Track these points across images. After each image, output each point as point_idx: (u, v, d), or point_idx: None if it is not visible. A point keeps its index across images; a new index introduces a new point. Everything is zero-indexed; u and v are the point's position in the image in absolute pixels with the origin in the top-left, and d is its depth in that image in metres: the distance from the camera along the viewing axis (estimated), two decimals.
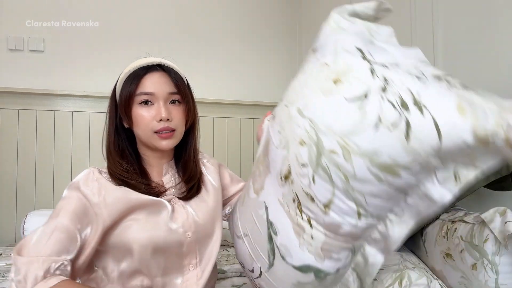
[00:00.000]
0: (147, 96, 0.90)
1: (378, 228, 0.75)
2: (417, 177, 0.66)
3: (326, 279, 0.78)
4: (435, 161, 0.63)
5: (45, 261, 0.76)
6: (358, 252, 0.79)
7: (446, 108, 0.63)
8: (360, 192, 0.68)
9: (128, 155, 0.94)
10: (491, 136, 0.59)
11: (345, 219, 0.71)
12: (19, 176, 2.23)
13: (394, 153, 0.64)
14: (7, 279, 1.45)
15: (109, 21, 2.43)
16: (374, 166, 0.65)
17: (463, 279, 0.94)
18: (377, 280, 1.00)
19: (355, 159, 0.66)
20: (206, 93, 2.52)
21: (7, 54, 2.25)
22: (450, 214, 1.10)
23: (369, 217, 0.71)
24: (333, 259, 0.76)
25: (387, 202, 0.70)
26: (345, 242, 0.75)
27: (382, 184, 0.66)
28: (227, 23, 2.72)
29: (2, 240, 2.17)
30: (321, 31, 0.81)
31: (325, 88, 0.72)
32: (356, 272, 0.82)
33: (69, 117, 2.32)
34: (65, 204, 0.84)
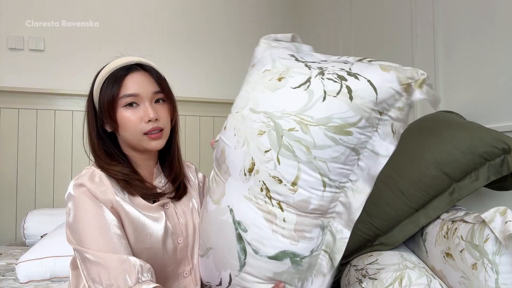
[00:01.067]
0: (131, 97, 0.87)
1: (340, 199, 0.80)
2: (365, 134, 0.76)
3: (302, 264, 0.79)
4: (376, 115, 0.76)
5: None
6: (327, 230, 0.82)
7: (374, 71, 0.78)
8: (322, 159, 0.75)
9: (117, 157, 0.91)
10: (410, 80, 0.76)
11: (312, 192, 0.77)
12: (19, 176, 2.23)
13: (343, 114, 0.74)
14: (7, 278, 1.45)
15: (109, 21, 2.44)
16: (329, 131, 0.74)
17: (463, 279, 0.94)
18: (377, 280, 1.00)
19: (312, 129, 0.75)
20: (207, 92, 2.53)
21: (7, 54, 2.25)
22: (450, 214, 1.10)
23: (332, 187, 0.78)
24: (306, 239, 0.79)
25: (344, 165, 0.77)
26: (315, 218, 0.79)
27: (339, 146, 0.75)
28: (227, 23, 2.72)
29: (2, 239, 2.18)
30: (255, 52, 0.94)
31: (271, 86, 0.82)
32: (327, 254, 0.82)
33: (69, 116, 2.33)
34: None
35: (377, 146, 0.78)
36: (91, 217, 0.80)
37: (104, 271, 0.76)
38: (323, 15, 2.57)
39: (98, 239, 0.78)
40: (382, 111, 0.76)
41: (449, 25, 1.55)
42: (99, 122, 0.90)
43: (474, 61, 1.43)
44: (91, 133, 0.91)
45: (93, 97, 0.91)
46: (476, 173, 1.10)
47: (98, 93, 0.89)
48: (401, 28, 1.82)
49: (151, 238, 0.86)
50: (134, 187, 0.87)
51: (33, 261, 1.39)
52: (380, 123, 0.77)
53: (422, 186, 1.12)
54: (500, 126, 1.29)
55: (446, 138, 1.14)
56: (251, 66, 0.94)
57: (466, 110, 1.44)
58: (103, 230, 0.79)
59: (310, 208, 0.78)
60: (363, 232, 1.16)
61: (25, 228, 1.92)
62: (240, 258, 0.81)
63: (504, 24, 1.32)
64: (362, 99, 0.75)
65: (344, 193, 0.80)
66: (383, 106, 0.76)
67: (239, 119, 0.85)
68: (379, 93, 0.75)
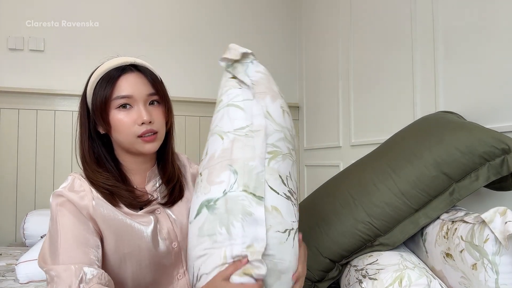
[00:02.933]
0: (125, 99, 0.84)
1: (242, 140, 0.83)
2: (235, 91, 0.89)
3: (217, 206, 0.77)
4: (232, 81, 0.91)
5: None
6: (241, 168, 0.80)
7: None
8: (215, 125, 0.86)
9: (106, 163, 0.89)
10: (228, 54, 0.91)
11: (216, 147, 0.83)
12: (19, 176, 2.23)
13: (218, 97, 0.91)
14: (7, 278, 1.45)
15: (109, 21, 2.44)
16: (215, 110, 0.89)
17: (463, 279, 0.94)
18: (377, 280, 1.00)
19: (213, 117, 0.89)
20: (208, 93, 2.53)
21: (7, 54, 2.25)
22: (450, 214, 1.10)
23: (229, 134, 0.83)
24: (217, 183, 0.79)
25: (230, 118, 0.85)
26: (221, 163, 0.81)
27: (220, 111, 0.88)
28: (227, 23, 2.72)
29: (2, 240, 2.17)
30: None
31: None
32: (250, 194, 0.78)
33: (69, 117, 2.33)
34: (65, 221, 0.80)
35: (243, 96, 0.88)
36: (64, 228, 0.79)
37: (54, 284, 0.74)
38: (323, 15, 2.57)
39: (67, 251, 0.77)
40: (233, 76, 0.91)
41: (449, 25, 1.55)
42: (91, 124, 0.88)
43: (474, 61, 1.43)
44: (82, 135, 0.89)
45: (86, 97, 0.89)
46: (476, 173, 1.10)
47: (91, 93, 0.87)
48: (401, 28, 1.82)
49: (136, 241, 0.84)
50: (119, 197, 0.85)
51: (33, 261, 1.39)
52: (237, 83, 0.90)
53: (422, 186, 1.12)
54: (500, 126, 1.29)
55: (446, 139, 1.14)
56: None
57: (466, 110, 1.44)
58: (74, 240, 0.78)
59: (216, 158, 0.82)
60: (363, 233, 1.16)
61: (25, 228, 1.92)
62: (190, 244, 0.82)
63: (504, 24, 1.32)
64: (221, 83, 0.93)
65: (244, 136, 0.84)
66: (229, 74, 0.92)
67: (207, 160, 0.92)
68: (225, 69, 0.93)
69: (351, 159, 1.86)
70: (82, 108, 0.89)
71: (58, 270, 0.75)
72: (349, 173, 1.39)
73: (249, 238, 0.75)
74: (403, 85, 1.79)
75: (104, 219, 0.82)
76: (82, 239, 0.79)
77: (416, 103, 1.71)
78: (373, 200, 1.17)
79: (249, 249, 0.74)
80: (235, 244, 0.75)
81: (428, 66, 1.64)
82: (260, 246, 0.74)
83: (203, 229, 0.78)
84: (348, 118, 2.24)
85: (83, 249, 0.78)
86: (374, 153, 1.40)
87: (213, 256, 0.75)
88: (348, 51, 2.24)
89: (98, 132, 0.89)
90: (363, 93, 2.12)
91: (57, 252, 0.77)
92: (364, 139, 2.10)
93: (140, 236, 0.84)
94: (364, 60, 2.12)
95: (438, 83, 1.58)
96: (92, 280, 0.74)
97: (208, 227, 0.77)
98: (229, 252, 0.74)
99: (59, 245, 0.78)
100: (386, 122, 1.92)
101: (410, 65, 1.75)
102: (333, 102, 2.36)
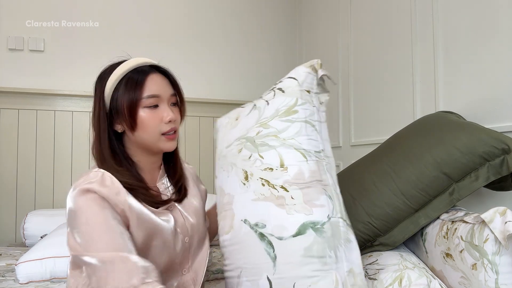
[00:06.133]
0: (154, 99, 0.88)
1: (323, 164, 0.92)
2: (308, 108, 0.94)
3: (325, 230, 0.83)
4: (305, 94, 0.96)
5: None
6: (334, 198, 0.89)
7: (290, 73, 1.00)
8: (289, 137, 0.90)
9: (123, 161, 0.90)
10: (312, 63, 0.99)
11: (299, 164, 0.88)
12: (19, 176, 2.23)
13: (284, 102, 0.94)
14: (7, 279, 1.45)
15: (109, 21, 2.44)
16: (281, 117, 0.93)
17: (463, 279, 0.94)
18: (377, 280, 1.00)
19: (270, 123, 0.93)
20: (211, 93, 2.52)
21: (7, 54, 2.25)
22: (450, 214, 1.10)
23: (311, 155, 0.90)
24: (318, 206, 0.85)
25: (308, 136, 0.92)
26: (316, 187, 0.87)
27: (295, 123, 0.92)
28: (227, 23, 2.72)
29: (2, 240, 2.18)
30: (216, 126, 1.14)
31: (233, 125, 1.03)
32: (344, 221, 0.88)
33: (69, 117, 2.33)
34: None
35: (316, 116, 0.96)
36: (96, 221, 0.78)
37: (108, 274, 0.74)
38: (323, 15, 2.57)
39: (103, 241, 0.76)
40: (308, 90, 0.96)
41: (449, 25, 1.55)
42: (110, 122, 0.90)
43: (474, 61, 1.43)
44: (101, 134, 0.89)
45: (103, 97, 0.90)
46: (476, 173, 1.10)
47: (110, 93, 0.88)
48: (401, 28, 1.82)
49: (162, 238, 0.87)
50: (139, 194, 0.87)
51: (33, 261, 1.39)
52: (310, 98, 0.96)
53: (422, 186, 1.11)
54: (500, 126, 1.29)
55: (446, 138, 1.14)
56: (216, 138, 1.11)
57: (466, 110, 1.44)
58: (108, 232, 0.78)
59: (306, 178, 0.87)
60: (363, 233, 1.16)
61: (25, 228, 1.92)
62: (269, 253, 0.83)
63: (504, 24, 1.32)
64: (289, 87, 0.96)
65: (321, 158, 0.92)
66: (306, 85, 0.96)
67: (222, 161, 1.01)
68: (298, 78, 0.97)
69: (351, 159, 1.86)
70: (99, 107, 0.90)
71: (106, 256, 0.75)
72: (349, 173, 1.39)
73: (350, 262, 0.83)
74: (403, 85, 1.79)
75: (138, 215, 0.84)
76: (122, 229, 0.79)
77: (416, 103, 1.71)
78: (373, 200, 1.17)
79: (351, 272, 0.83)
80: (340, 268, 0.82)
81: (428, 66, 1.64)
82: (358, 271, 0.84)
83: (311, 249, 0.81)
84: (348, 118, 2.24)
85: (126, 240, 0.79)
86: (374, 153, 1.40)
87: (326, 279, 0.80)
88: (348, 51, 2.24)
89: (114, 131, 0.91)
90: (363, 93, 2.12)
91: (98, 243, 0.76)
92: (364, 139, 2.10)
93: (165, 233, 0.87)
94: (364, 60, 2.12)
95: (438, 83, 1.58)
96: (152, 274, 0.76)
97: (318, 249, 0.81)
98: (338, 276, 0.81)
99: (99, 238, 0.77)
100: (386, 122, 1.92)
101: (410, 65, 1.75)
102: (333, 102, 2.36)
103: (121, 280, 0.73)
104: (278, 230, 0.83)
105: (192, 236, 0.94)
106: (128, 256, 0.76)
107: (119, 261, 0.75)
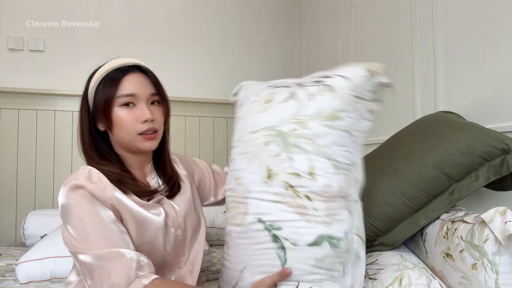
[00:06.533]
0: (128, 97, 0.88)
1: (351, 178, 0.89)
2: (352, 116, 0.90)
3: (340, 246, 0.84)
4: (355, 99, 0.90)
5: None
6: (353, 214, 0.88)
7: (341, 70, 0.95)
8: (325, 145, 0.86)
9: (108, 156, 0.92)
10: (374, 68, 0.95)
11: (329, 176, 0.85)
12: (19, 176, 2.23)
13: (330, 104, 0.89)
14: (7, 279, 1.45)
15: (109, 21, 2.43)
16: (324, 120, 0.87)
17: (463, 279, 0.94)
18: (377, 280, 1.00)
19: (310, 123, 0.87)
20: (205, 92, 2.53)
21: (7, 54, 2.25)
22: (450, 214, 1.10)
23: (342, 168, 0.87)
24: (338, 221, 0.85)
25: (343, 147, 0.88)
26: (339, 202, 0.86)
27: (336, 130, 0.87)
28: (226, 23, 2.72)
29: (2, 240, 2.17)
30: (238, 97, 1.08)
31: (262, 108, 0.95)
32: (359, 237, 0.88)
33: (69, 117, 2.32)
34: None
35: (362, 125, 0.92)
36: (88, 217, 0.80)
37: (104, 271, 0.76)
38: (323, 15, 2.57)
39: (96, 238, 0.78)
40: (359, 96, 0.91)
41: (449, 25, 1.55)
42: (92, 121, 0.91)
43: (474, 61, 1.43)
44: (83, 131, 0.92)
45: (87, 96, 0.92)
46: (476, 173, 1.10)
47: (93, 92, 0.90)
48: (401, 28, 1.82)
49: (152, 232, 0.87)
50: (127, 185, 0.88)
51: (33, 261, 1.39)
52: (359, 105, 0.91)
53: (422, 186, 1.11)
54: (500, 126, 1.29)
55: (446, 139, 1.14)
56: (238, 105, 1.06)
57: (466, 110, 1.44)
58: (101, 228, 0.79)
59: (333, 192, 0.85)
60: None
61: (25, 228, 1.92)
62: (280, 256, 0.83)
63: (504, 24, 1.32)
64: (340, 88, 0.90)
65: (350, 171, 0.89)
66: (359, 91, 0.90)
67: (243, 146, 0.94)
68: (352, 79, 0.91)
69: None
70: (83, 106, 0.93)
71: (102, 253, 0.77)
72: None
73: (353, 279, 0.86)
74: (403, 85, 1.79)
75: (127, 209, 0.84)
76: (114, 225, 0.81)
77: (416, 103, 1.71)
78: (373, 200, 1.17)
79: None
80: (344, 282, 0.85)
81: (428, 66, 1.64)
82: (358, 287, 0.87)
83: (323, 262, 0.83)
84: None
85: (120, 235, 0.80)
86: (374, 153, 1.40)
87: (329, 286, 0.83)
88: (348, 51, 2.24)
89: (97, 129, 0.92)
90: None
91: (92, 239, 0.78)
92: None
93: (152, 227, 0.87)
94: (364, 60, 2.12)
95: (438, 83, 1.58)
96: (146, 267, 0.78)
97: (329, 263, 0.83)
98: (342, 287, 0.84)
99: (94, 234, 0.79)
100: (386, 122, 1.92)
101: (410, 65, 1.75)
102: None
103: (117, 277, 0.75)
104: (293, 236, 0.83)
105: (185, 229, 0.95)
106: (122, 251, 0.78)
107: (114, 257, 0.77)
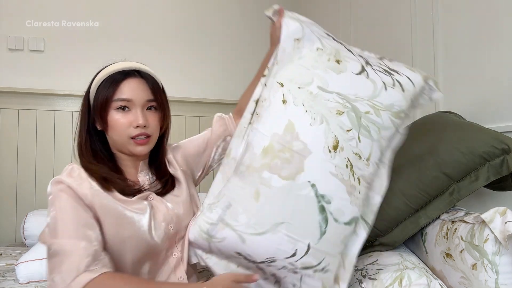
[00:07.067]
0: (124, 102, 0.90)
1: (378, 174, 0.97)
2: (404, 119, 0.98)
3: (352, 225, 0.92)
4: (411, 105, 0.97)
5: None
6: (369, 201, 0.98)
7: (404, 70, 1.01)
8: (384, 138, 0.93)
9: (101, 155, 0.94)
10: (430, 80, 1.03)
11: (376, 166, 0.93)
12: (19, 176, 2.23)
13: (399, 102, 0.95)
14: (7, 279, 1.45)
15: (109, 21, 2.44)
16: (392, 116, 0.93)
17: (463, 279, 0.94)
18: (377, 280, 1.00)
19: (382, 113, 0.92)
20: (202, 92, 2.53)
21: (7, 54, 2.25)
22: (450, 214, 1.10)
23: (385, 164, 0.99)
24: (361, 206, 0.92)
25: (387, 142, 0.96)
26: (372, 191, 0.96)
27: (393, 127, 0.94)
28: (227, 23, 2.73)
29: (2, 240, 2.18)
30: (289, 26, 1.00)
31: (334, 68, 0.94)
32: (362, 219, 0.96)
33: (69, 117, 2.33)
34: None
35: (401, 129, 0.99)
36: (61, 207, 0.83)
37: (58, 260, 0.78)
38: (323, 15, 2.56)
39: (63, 228, 0.81)
40: (413, 102, 0.98)
41: (449, 25, 1.55)
42: (91, 120, 0.94)
43: (474, 61, 1.43)
44: (81, 129, 0.95)
45: (89, 95, 0.95)
46: (476, 173, 1.10)
47: (94, 92, 0.93)
48: (401, 28, 1.82)
49: (133, 227, 0.88)
50: (112, 183, 0.89)
51: (33, 261, 1.39)
52: (411, 112, 0.99)
53: (422, 186, 1.11)
54: (500, 126, 1.29)
55: (446, 139, 1.14)
56: (294, 40, 0.97)
57: (466, 110, 1.44)
58: (70, 219, 0.82)
59: (374, 181, 0.95)
60: None
61: (25, 228, 1.92)
62: (321, 227, 0.87)
63: (504, 24, 1.32)
64: (408, 90, 0.96)
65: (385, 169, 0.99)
66: (415, 100, 0.97)
67: (307, 95, 0.90)
68: (416, 87, 0.97)
69: None
70: (84, 104, 0.96)
71: (63, 244, 0.79)
72: None
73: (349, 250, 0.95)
74: None
75: (102, 206, 0.86)
76: (83, 220, 0.83)
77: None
78: None
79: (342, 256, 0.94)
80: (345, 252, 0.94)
81: (428, 66, 1.64)
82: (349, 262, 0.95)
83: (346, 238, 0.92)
84: None
85: (85, 230, 0.82)
86: None
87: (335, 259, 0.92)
88: None
89: (95, 128, 0.94)
90: None
91: (59, 229, 0.81)
92: None
93: (133, 222, 0.88)
94: None
95: (438, 83, 1.58)
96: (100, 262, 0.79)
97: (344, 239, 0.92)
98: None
99: (61, 224, 0.81)
100: None
101: (410, 65, 1.74)
102: None
103: (67, 268, 0.76)
104: (337, 213, 0.87)
105: (179, 223, 0.95)
106: (80, 244, 0.79)
107: (71, 249, 0.78)
